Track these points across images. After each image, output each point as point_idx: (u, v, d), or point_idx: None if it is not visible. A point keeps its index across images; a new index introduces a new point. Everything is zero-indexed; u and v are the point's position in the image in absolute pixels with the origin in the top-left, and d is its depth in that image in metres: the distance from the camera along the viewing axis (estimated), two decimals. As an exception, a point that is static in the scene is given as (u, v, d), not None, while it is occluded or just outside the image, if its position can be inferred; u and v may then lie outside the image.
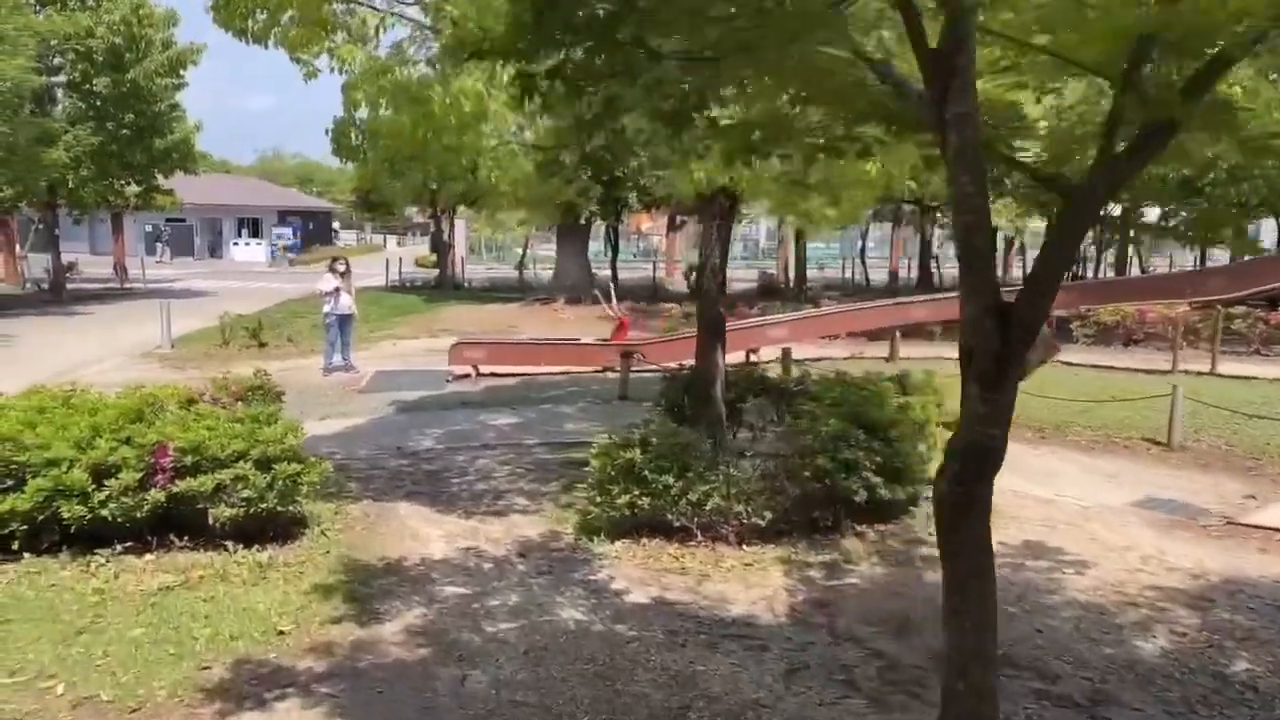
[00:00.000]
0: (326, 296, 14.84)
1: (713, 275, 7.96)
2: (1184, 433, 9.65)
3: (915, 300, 17.63)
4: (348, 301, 14.89)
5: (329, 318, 14.85)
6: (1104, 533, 6.83)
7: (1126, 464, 9.05)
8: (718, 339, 8.09)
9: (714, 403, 8.05)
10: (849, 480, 6.24)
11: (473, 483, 8.20)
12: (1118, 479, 8.50)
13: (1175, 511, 7.49)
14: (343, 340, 15.04)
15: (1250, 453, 9.29)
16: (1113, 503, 7.69)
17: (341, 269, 14.92)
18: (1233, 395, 11.57)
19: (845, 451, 6.23)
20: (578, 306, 24.11)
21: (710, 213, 7.88)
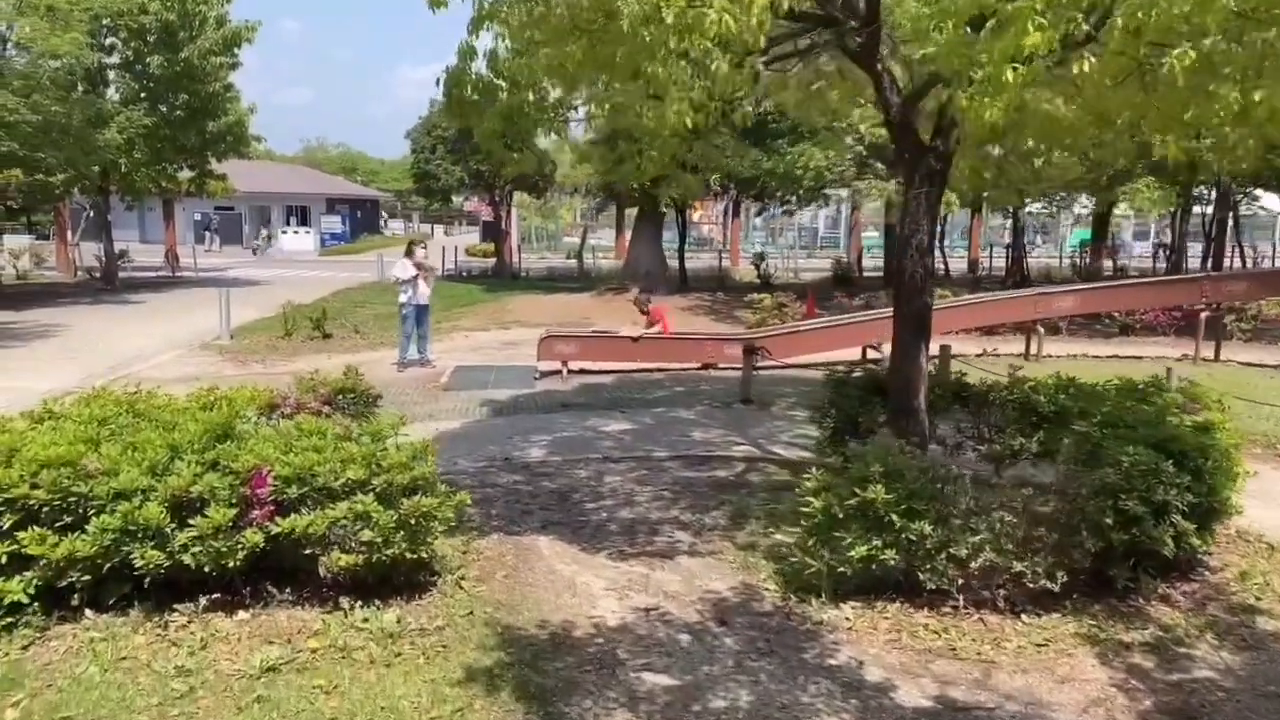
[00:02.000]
0: (404, 285, 13.48)
1: (919, 256, 6.39)
2: None
3: (1059, 290, 15.85)
4: (426, 291, 13.52)
5: (405, 308, 13.50)
6: None
7: None
8: (922, 336, 6.53)
9: (917, 417, 6.50)
10: (1159, 528, 4.67)
11: (614, 509, 6.73)
12: None
13: None
14: (419, 332, 13.69)
15: None
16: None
17: (421, 255, 13.54)
18: None
19: (1159, 491, 4.65)
20: (654, 296, 22.60)
21: (918, 174, 6.32)
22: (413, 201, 62.66)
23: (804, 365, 13.04)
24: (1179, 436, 4.95)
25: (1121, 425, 5.25)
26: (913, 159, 6.41)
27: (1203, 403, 5.91)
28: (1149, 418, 5.26)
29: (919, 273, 6.44)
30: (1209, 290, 13.92)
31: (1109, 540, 4.63)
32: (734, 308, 21.63)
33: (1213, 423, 5.25)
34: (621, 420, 9.93)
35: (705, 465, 7.99)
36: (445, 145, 28.53)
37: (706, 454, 8.39)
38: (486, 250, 38.77)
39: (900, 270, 6.52)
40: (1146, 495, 4.63)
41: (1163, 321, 15.98)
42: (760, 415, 10.12)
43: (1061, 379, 6.99)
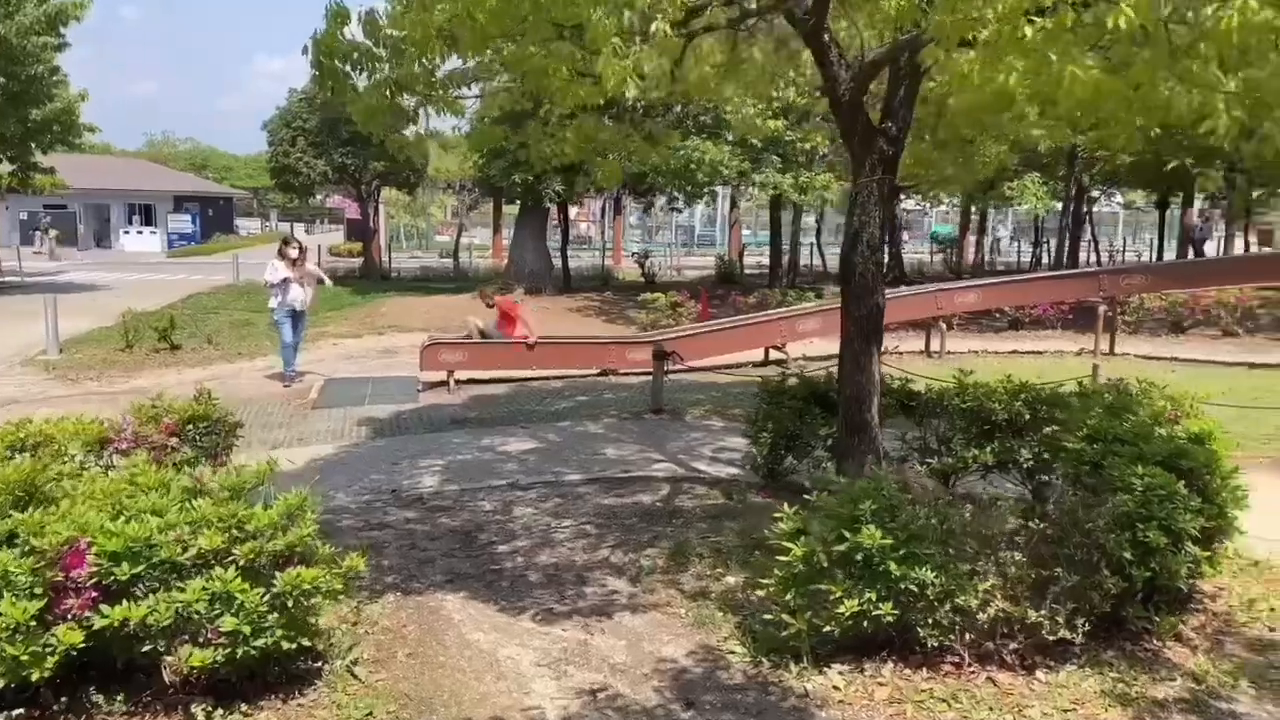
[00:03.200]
0: (274, 289, 11.96)
1: (870, 253, 5.69)
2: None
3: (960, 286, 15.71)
4: (301, 295, 12.03)
5: (276, 313, 11.99)
6: None
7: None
8: (875, 342, 5.85)
9: (870, 433, 5.81)
10: (1178, 559, 4.10)
11: (531, 551, 5.74)
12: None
13: None
14: (284, 341, 12.21)
15: None
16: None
17: (294, 254, 12.04)
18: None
19: (1180, 518, 4.07)
20: (539, 297, 21.52)
21: (869, 159, 5.61)
22: (271, 199, 59.00)
23: (712, 369, 12.35)
24: (1187, 452, 4.41)
25: (1114, 439, 4.67)
26: (863, 143, 5.71)
27: (1182, 408, 5.45)
28: (1143, 430, 4.71)
29: (870, 271, 5.75)
30: (1107, 284, 14.08)
31: (1129, 577, 4.01)
32: (623, 308, 20.85)
33: (1208, 433, 4.76)
34: (524, 437, 8.92)
35: (626, 489, 7.09)
36: (306, 137, 26.52)
37: (625, 475, 7.51)
38: (353, 249, 36.65)
39: (849, 268, 5.81)
40: (1168, 523, 4.03)
41: (1050, 315, 16.16)
42: (675, 426, 9.31)
43: (1014, 384, 6.47)
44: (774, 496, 6.68)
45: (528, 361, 11.95)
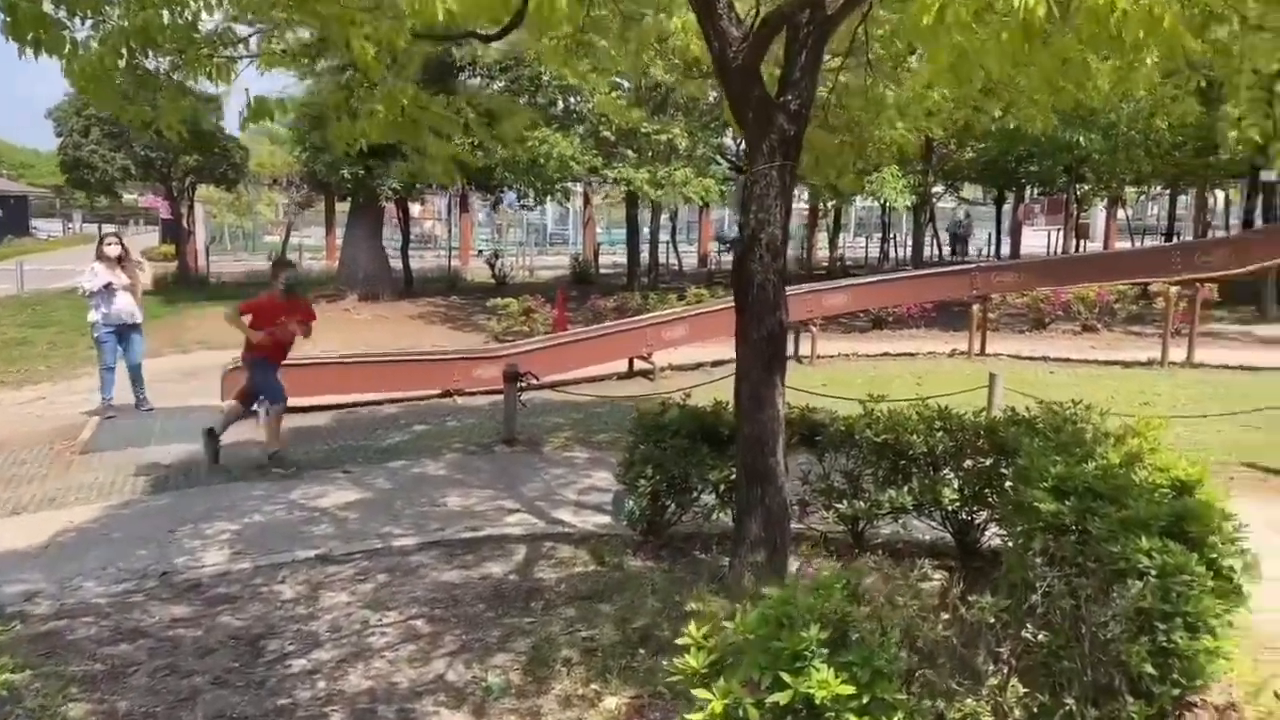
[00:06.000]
0: (93, 298, 9.74)
1: (770, 258, 4.50)
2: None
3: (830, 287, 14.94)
4: (128, 305, 9.86)
5: (98, 329, 9.79)
6: None
7: (1274, 508, 6.63)
8: (777, 369, 4.67)
9: (775, 482, 4.64)
10: (1206, 664, 3.10)
11: (337, 670, 4.23)
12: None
13: None
14: (128, 365, 10.07)
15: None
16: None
17: (114, 252, 9.81)
18: (1256, 389, 9.78)
19: (1206, 610, 3.06)
20: (375, 304, 19.56)
21: (766, 141, 4.43)
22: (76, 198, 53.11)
23: (573, 382, 11.03)
24: (1191, 513, 3.43)
25: (1088, 492, 3.66)
26: (759, 120, 4.52)
27: (1139, 432, 4.53)
28: (1117, 478, 3.72)
29: (772, 282, 4.56)
30: (979, 282, 13.68)
31: (1153, 698, 2.97)
32: (471, 313, 19.23)
33: (1198, 479, 3.83)
34: (345, 485, 7.31)
35: (474, 556, 5.67)
36: (101, 127, 23.34)
37: (472, 534, 6.07)
38: (168, 253, 33.05)
39: (745, 279, 4.61)
40: (1193, 619, 3.02)
41: (915, 314, 15.76)
42: (532, 461, 7.92)
43: (931, 410, 5.48)
44: (656, 557, 5.46)
45: (356, 384, 10.25)
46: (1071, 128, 17.20)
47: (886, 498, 5.29)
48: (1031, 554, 3.44)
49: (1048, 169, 22.11)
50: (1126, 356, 12.92)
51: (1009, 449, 4.93)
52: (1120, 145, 17.25)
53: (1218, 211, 41.42)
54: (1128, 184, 24.91)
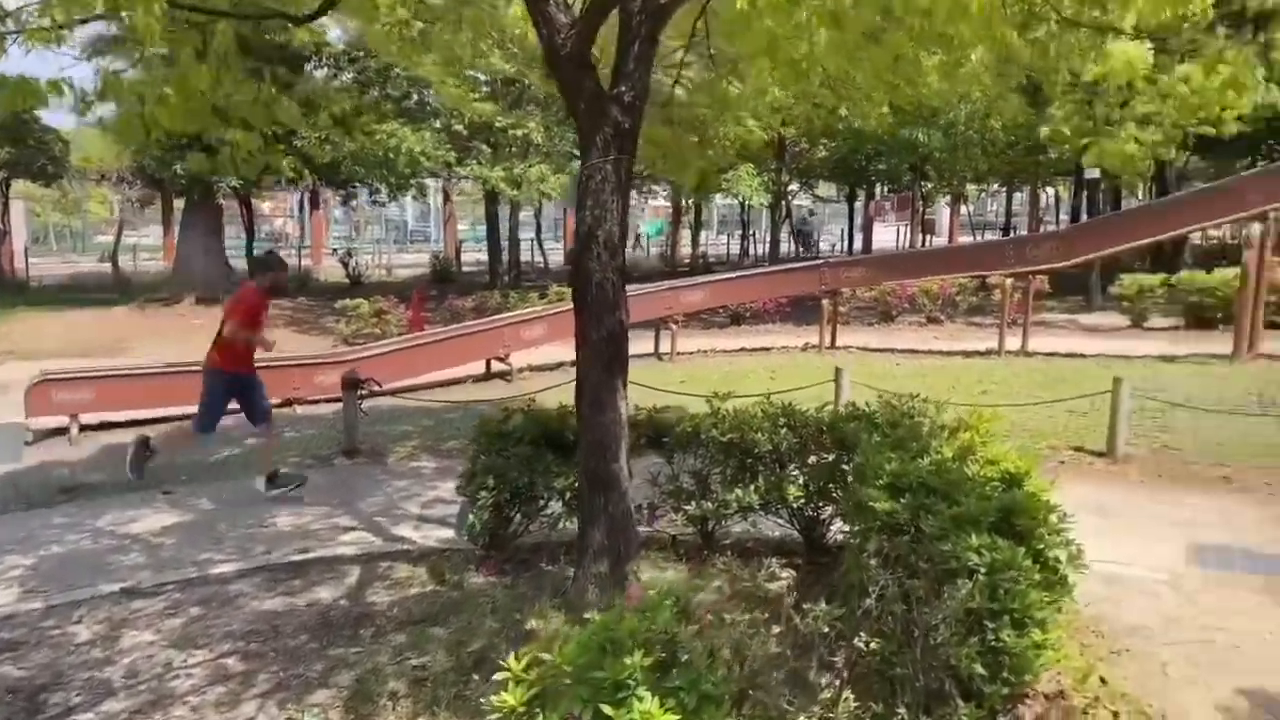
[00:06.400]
0: None
1: (608, 256, 4.31)
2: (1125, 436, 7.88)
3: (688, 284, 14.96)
4: None
5: None
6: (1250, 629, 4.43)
7: (1098, 490, 6.97)
8: (618, 371, 4.49)
9: (619, 488, 4.46)
10: (1034, 658, 3.09)
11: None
12: (1119, 516, 6.34)
13: (1259, 568, 5.39)
14: None
15: (1206, 456, 7.71)
16: (1168, 562, 5.43)
17: None
18: (1082, 375, 10.33)
19: (1034, 606, 3.06)
20: (214, 308, 18.32)
21: (600, 134, 4.23)
22: None
23: (425, 387, 10.56)
24: (1019, 506, 3.45)
25: (922, 487, 3.65)
26: (592, 111, 4.32)
27: (971, 424, 4.59)
28: (951, 474, 3.73)
29: (611, 280, 4.37)
30: (829, 277, 13.98)
31: (984, 699, 2.94)
32: (321, 315, 18.35)
33: (1026, 471, 3.88)
34: (163, 508, 6.69)
35: (301, 580, 5.24)
36: (-110, 114, 20.96)
37: (302, 556, 5.63)
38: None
39: (583, 277, 4.40)
40: (1021, 615, 3.01)
41: (771, 309, 16.03)
42: (374, 473, 7.49)
43: (775, 408, 5.43)
44: (500, 572, 5.19)
45: (183, 396, 9.46)
46: (913, 127, 17.94)
47: (734, 497, 5.20)
48: (866, 555, 3.38)
49: (894, 167, 23.02)
50: (967, 346, 13.52)
51: (850, 444, 4.92)
52: (959, 144, 18.10)
53: (1050, 207, 44.38)
54: (968, 181, 26.23)
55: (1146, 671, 3.91)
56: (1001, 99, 6.69)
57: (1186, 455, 7.85)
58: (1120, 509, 6.50)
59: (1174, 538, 5.92)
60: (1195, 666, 3.97)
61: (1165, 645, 4.17)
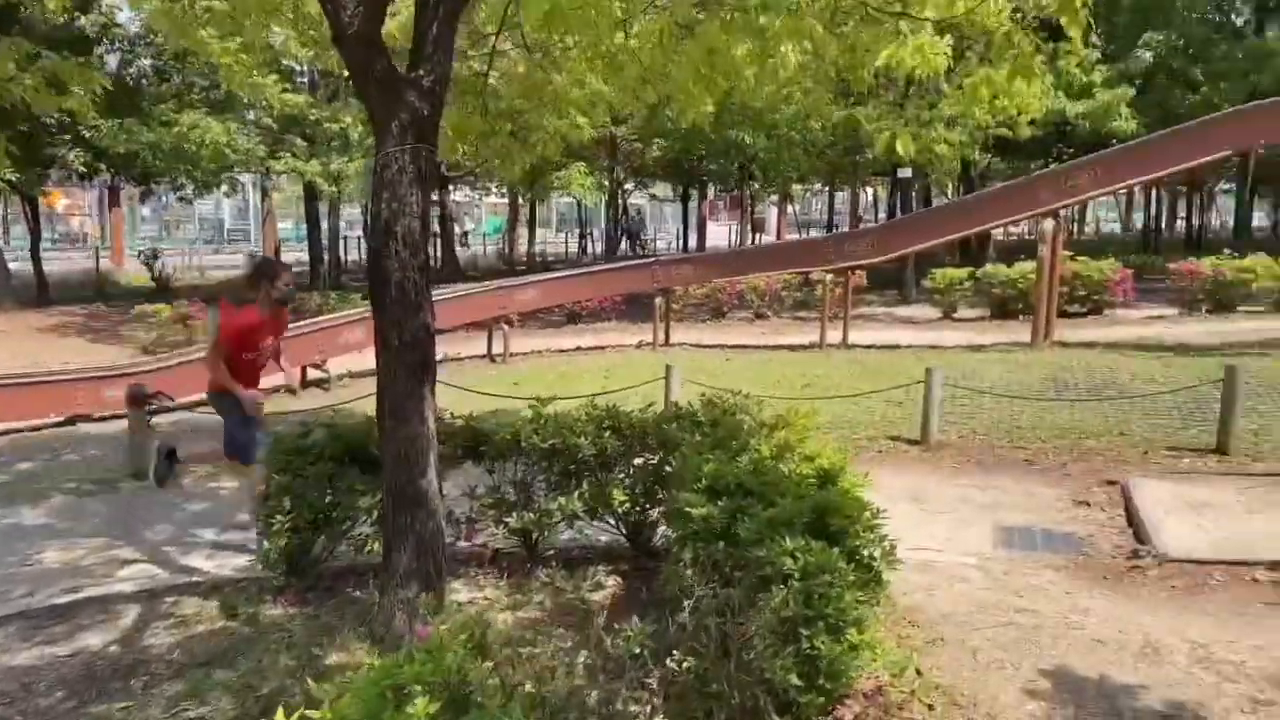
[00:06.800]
0: None
1: (409, 253, 3.97)
2: (937, 424, 8.19)
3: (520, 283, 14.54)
4: None
5: None
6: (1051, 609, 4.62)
7: (913, 478, 7.20)
8: (424, 378, 4.16)
9: (428, 505, 4.13)
10: (851, 660, 3.03)
11: None
12: (932, 502, 6.55)
13: (1057, 546, 5.68)
14: None
15: (1009, 439, 8.13)
16: (977, 546, 5.65)
17: None
18: (898, 366, 10.74)
19: (846, 608, 2.99)
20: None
21: (395, 121, 3.89)
22: None
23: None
24: (832, 505, 3.40)
25: (739, 489, 3.55)
26: (385, 96, 3.98)
27: (789, 421, 4.56)
28: (770, 473, 3.65)
29: (413, 280, 4.04)
30: (660, 275, 13.99)
31: (799, 709, 2.84)
32: (121, 322, 16.75)
33: (840, 467, 3.86)
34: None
35: (66, 625, 4.60)
36: None
37: (70, 597, 4.95)
38: None
39: (380, 276, 4.05)
40: (835, 620, 2.93)
41: (606, 307, 15.95)
42: (165, 497, 6.76)
43: (599, 410, 5.24)
44: (301, 601, 4.74)
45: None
46: (739, 128, 18.35)
47: (557, 506, 4.98)
48: (683, 564, 3.23)
49: (723, 167, 23.51)
50: (793, 340, 13.90)
51: (673, 445, 4.80)
52: (782, 145, 18.64)
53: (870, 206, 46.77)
54: (793, 181, 27.19)
55: (959, 659, 3.96)
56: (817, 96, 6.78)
57: (993, 439, 8.28)
58: (933, 495, 6.74)
59: (982, 521, 6.17)
60: (1004, 650, 4.07)
61: (975, 631, 4.26)
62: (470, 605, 4.47)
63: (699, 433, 4.73)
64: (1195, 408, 8.62)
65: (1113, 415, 8.69)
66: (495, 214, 43.90)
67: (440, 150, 4.98)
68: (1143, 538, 5.69)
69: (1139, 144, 13.57)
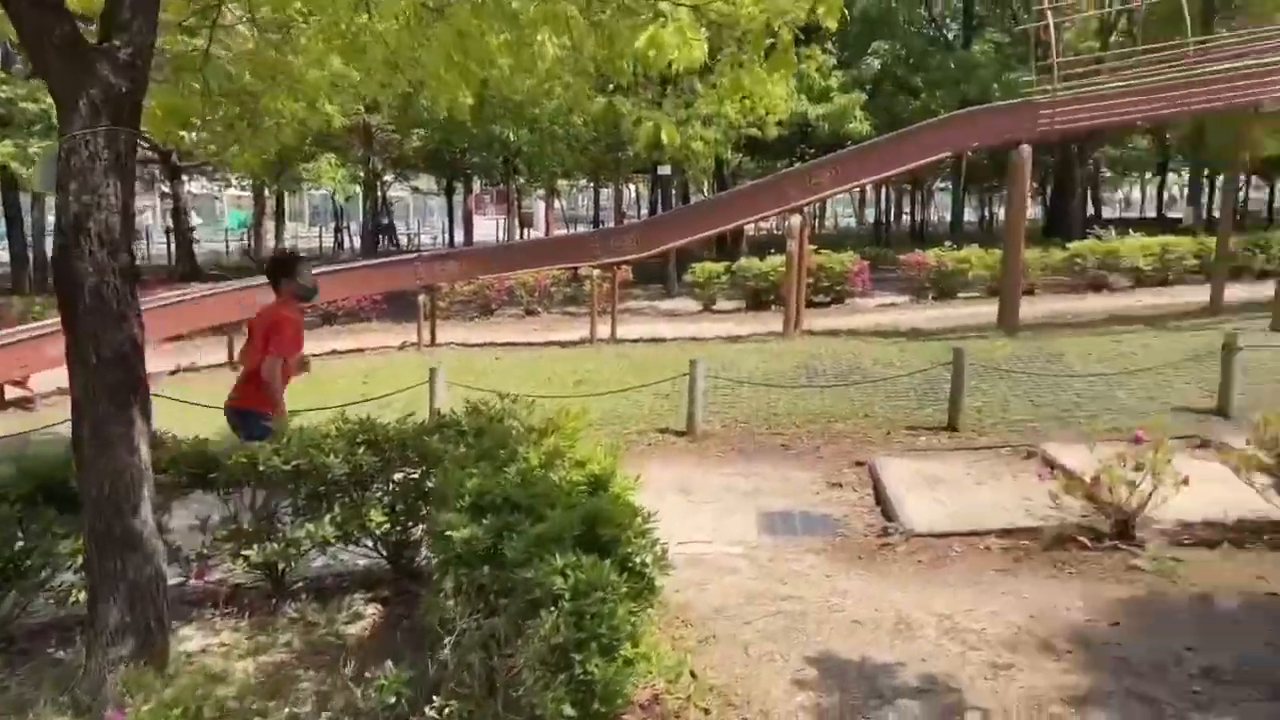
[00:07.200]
0: None
1: (108, 253, 3.37)
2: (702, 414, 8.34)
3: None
4: None
5: None
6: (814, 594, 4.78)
7: (681, 469, 7.26)
8: (132, 400, 3.56)
9: (141, 548, 3.55)
10: (624, 678, 2.89)
11: None
12: (700, 493, 6.64)
13: (815, 528, 5.92)
14: None
15: (768, 426, 8.41)
16: (743, 534, 5.77)
17: None
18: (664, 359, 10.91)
19: (620, 625, 2.84)
20: None
21: (84, 99, 3.28)
22: None
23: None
24: (603, 514, 3.24)
25: (506, 504, 3.33)
26: (70, 68, 3.36)
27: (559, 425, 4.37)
28: (540, 484, 3.45)
29: (112, 284, 3.44)
30: (424, 271, 13.36)
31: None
32: None
33: (610, 471, 3.72)
34: None
35: None
36: None
37: None
38: None
39: (70, 280, 3.41)
40: (607, 636, 2.78)
41: (366, 306, 15.11)
42: None
43: (351, 423, 4.81)
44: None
45: None
46: (502, 121, 18.02)
47: (305, 533, 4.50)
48: (443, 595, 2.96)
49: (487, 160, 23.06)
50: (563, 337, 13.83)
51: (436, 459, 4.48)
52: (545, 139, 18.52)
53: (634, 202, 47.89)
54: (558, 176, 27.20)
55: (731, 656, 3.97)
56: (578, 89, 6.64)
57: (753, 427, 8.59)
58: (700, 485, 6.86)
59: (746, 508, 6.34)
60: (773, 641, 4.13)
61: (746, 624, 4.30)
62: (203, 655, 3.93)
63: (463, 443, 4.44)
64: (929, 388, 9.41)
65: (858, 399, 9.30)
66: (239, 207, 40.56)
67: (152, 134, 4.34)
68: (890, 515, 6.06)
69: (871, 145, 14.69)
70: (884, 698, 3.58)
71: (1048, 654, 3.88)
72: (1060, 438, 7.55)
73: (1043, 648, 3.94)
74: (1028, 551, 5.18)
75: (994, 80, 20.99)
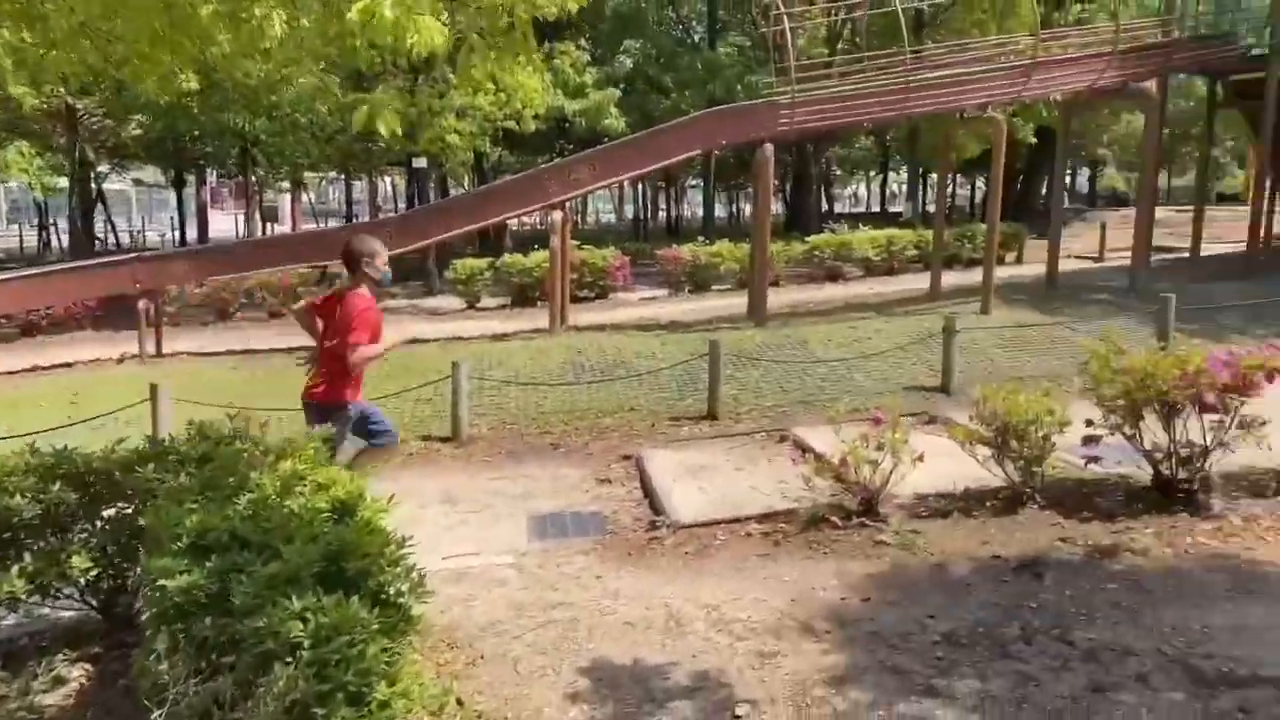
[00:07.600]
0: None
1: None
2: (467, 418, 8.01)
3: None
4: None
5: None
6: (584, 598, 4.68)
7: (445, 478, 6.90)
8: None
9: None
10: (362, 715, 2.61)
11: None
12: (466, 501, 6.34)
13: (586, 528, 5.83)
14: None
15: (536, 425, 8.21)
16: (512, 541, 5.58)
17: None
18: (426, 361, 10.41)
19: (372, 665, 2.55)
20: None
21: None
22: None
23: None
24: (350, 546, 2.90)
25: (234, 539, 2.92)
26: None
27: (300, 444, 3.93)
28: (273, 515, 3.05)
29: None
30: (143, 274, 11.85)
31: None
32: None
33: (359, 495, 3.37)
34: None
35: None
36: None
37: None
38: None
39: None
40: (355, 683, 2.48)
41: (78, 314, 13.33)
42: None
43: (45, 456, 4.10)
44: None
45: None
46: (236, 109, 16.56)
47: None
48: (156, 656, 2.52)
49: (220, 149, 21.14)
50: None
51: (149, 492, 3.91)
52: (286, 128, 17.23)
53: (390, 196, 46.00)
54: (304, 168, 25.49)
55: (501, 676, 3.77)
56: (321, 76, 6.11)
57: (521, 427, 8.41)
58: (466, 494, 6.58)
59: (516, 514, 6.15)
60: (544, 654, 3.97)
61: (515, 639, 4.11)
62: None
63: (184, 472, 3.90)
64: (689, 379, 9.66)
65: (624, 393, 9.37)
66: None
67: None
68: (657, 508, 6.10)
69: (629, 141, 14.91)
70: (657, 700, 3.53)
71: (808, 636, 4.01)
72: (808, 421, 7.99)
73: (804, 630, 4.07)
74: (785, 534, 5.38)
75: (738, 81, 22.05)
